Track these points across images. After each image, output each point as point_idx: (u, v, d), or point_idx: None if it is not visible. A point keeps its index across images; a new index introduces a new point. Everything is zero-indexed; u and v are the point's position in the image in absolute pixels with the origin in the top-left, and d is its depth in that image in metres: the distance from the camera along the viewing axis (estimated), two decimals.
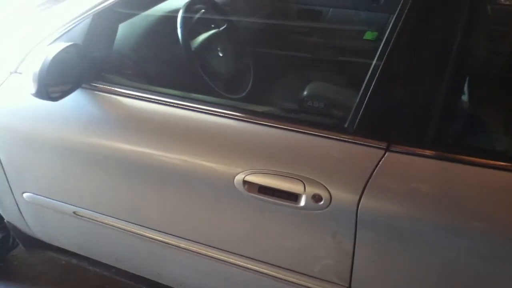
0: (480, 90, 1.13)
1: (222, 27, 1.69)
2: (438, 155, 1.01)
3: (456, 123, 1.10)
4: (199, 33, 1.59)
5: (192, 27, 1.55)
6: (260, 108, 1.25)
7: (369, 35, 2.01)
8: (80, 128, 1.32)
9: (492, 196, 0.98)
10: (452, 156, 1.00)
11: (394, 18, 1.04)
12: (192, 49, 1.51)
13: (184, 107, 1.23)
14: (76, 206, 1.43)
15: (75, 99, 1.31)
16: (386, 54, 1.04)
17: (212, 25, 1.70)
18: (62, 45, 1.22)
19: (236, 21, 1.78)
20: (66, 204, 1.44)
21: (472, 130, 1.11)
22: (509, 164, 0.97)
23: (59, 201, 1.45)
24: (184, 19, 1.47)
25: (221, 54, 1.63)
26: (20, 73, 1.38)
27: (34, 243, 1.69)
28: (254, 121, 1.17)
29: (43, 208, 1.50)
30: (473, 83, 1.15)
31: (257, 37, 1.94)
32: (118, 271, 1.60)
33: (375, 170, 1.03)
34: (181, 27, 1.45)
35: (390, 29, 1.04)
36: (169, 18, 1.56)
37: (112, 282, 1.85)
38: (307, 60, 1.90)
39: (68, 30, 1.33)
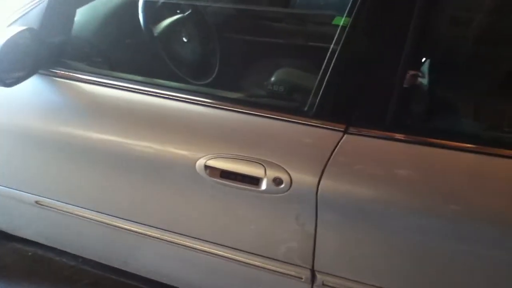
0: (439, 72, 1.14)
1: (187, 12, 1.66)
2: (396, 137, 1.02)
3: (414, 105, 1.11)
4: (163, 18, 1.56)
5: (155, 12, 1.52)
6: (223, 94, 1.24)
7: (338, 20, 2.01)
8: (39, 115, 1.30)
9: (451, 176, 1.00)
10: (411, 138, 1.02)
11: (351, 1, 1.04)
12: (155, 34, 1.48)
13: (146, 92, 1.22)
14: (38, 196, 1.40)
15: (34, 86, 1.29)
16: (343, 37, 1.04)
17: (177, 10, 1.67)
18: (16, 29, 1.19)
19: (201, 6, 1.75)
20: (28, 194, 1.41)
21: (430, 112, 1.13)
22: (468, 145, 0.99)
23: (20, 190, 1.42)
24: (146, 3, 1.44)
25: (185, 40, 1.61)
26: None
27: None
28: (216, 106, 1.16)
29: (4, 198, 1.47)
30: (432, 65, 1.16)
31: (224, 23, 1.92)
32: (85, 260, 1.60)
33: (334, 152, 1.03)
34: (142, 11, 1.42)
35: (348, 12, 1.04)
36: (131, 2, 1.53)
37: (80, 272, 1.82)
38: (274, 46, 1.89)
39: (24, 14, 1.29)
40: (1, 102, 1.32)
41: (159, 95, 1.20)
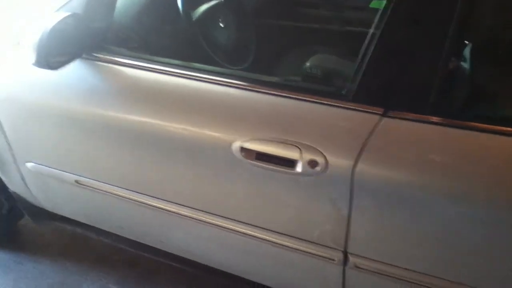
0: (479, 56, 1.12)
1: None
2: (434, 120, 1.02)
3: (453, 89, 1.10)
4: (201, 4, 1.58)
5: None
6: (259, 77, 1.25)
7: (375, 4, 1.98)
8: (81, 98, 1.34)
9: (489, 161, 0.99)
10: (449, 122, 1.01)
11: None
12: (193, 19, 1.50)
13: (184, 76, 1.24)
14: (77, 175, 1.46)
15: (77, 70, 1.33)
16: (384, 21, 1.04)
17: None
18: (62, 14, 1.23)
19: None
20: (68, 173, 1.47)
21: (469, 95, 1.11)
22: (508, 129, 0.97)
23: (61, 170, 1.48)
24: None
25: (222, 25, 1.63)
26: (22, 45, 1.39)
27: (40, 213, 1.73)
28: (252, 89, 1.18)
29: (46, 177, 1.53)
30: (473, 49, 1.14)
31: (260, 8, 1.93)
32: (123, 239, 1.64)
33: (371, 136, 1.04)
34: None
35: None
36: None
37: (117, 251, 1.89)
38: (310, 31, 1.89)
39: (68, 1, 1.34)
40: (45, 85, 1.37)
41: (196, 78, 1.23)
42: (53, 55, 1.23)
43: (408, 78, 1.05)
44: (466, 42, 1.10)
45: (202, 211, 1.32)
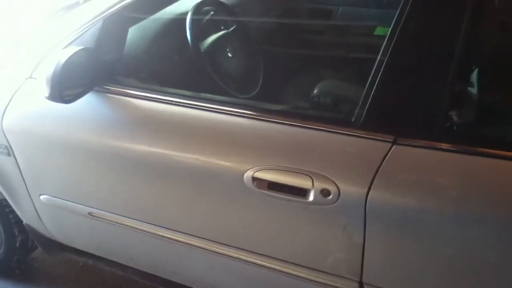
0: (488, 80, 1.12)
1: (231, 28, 1.70)
2: (446, 147, 1.01)
3: (463, 114, 1.10)
4: (209, 35, 1.61)
5: (201, 29, 1.57)
6: (268, 106, 1.26)
7: (380, 30, 2.00)
8: (93, 130, 1.35)
9: (501, 186, 0.98)
10: (461, 148, 1.00)
11: (398, 12, 1.04)
12: (202, 50, 1.53)
13: (194, 106, 1.26)
14: (90, 207, 1.46)
15: (89, 102, 1.35)
16: (391, 47, 1.04)
17: (222, 27, 1.71)
18: (74, 49, 1.26)
19: (245, 21, 1.79)
20: (81, 205, 1.47)
21: (480, 120, 1.11)
22: None
23: (74, 202, 1.48)
24: (192, 21, 1.49)
25: (230, 55, 1.65)
26: (35, 79, 1.42)
27: (52, 245, 1.73)
28: (262, 118, 1.18)
29: (59, 209, 1.54)
30: (481, 74, 1.14)
31: (266, 37, 1.95)
32: (134, 270, 1.63)
33: (383, 163, 1.03)
34: (190, 29, 1.47)
35: (394, 22, 1.05)
36: (178, 20, 1.58)
37: (128, 282, 1.87)
38: (317, 58, 1.90)
39: (80, 35, 1.37)
40: (60, 119, 1.39)
41: (206, 108, 1.24)
42: (66, 88, 1.25)
43: (416, 104, 1.05)
44: (475, 66, 1.10)
45: (214, 241, 1.31)
